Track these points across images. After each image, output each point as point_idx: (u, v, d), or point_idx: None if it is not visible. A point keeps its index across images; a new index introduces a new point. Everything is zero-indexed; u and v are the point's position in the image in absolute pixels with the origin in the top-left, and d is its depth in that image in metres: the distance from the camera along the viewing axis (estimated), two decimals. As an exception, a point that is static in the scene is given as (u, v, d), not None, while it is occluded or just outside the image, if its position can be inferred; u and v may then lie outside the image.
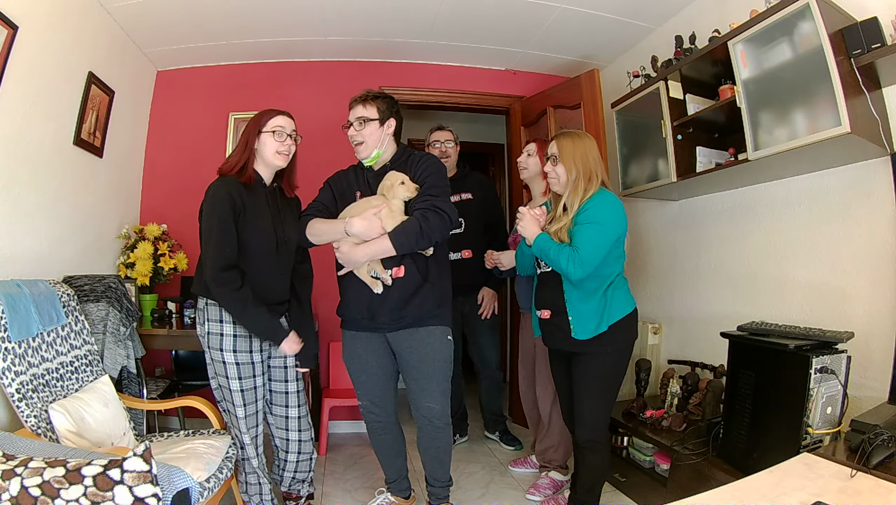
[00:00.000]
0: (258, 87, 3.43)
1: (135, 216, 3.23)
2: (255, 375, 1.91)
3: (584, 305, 1.85)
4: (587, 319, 1.84)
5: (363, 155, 1.96)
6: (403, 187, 1.85)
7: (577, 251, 1.77)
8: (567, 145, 1.90)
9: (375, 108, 1.93)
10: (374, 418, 2.07)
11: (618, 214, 1.84)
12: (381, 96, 1.97)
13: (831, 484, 1.22)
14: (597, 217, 1.80)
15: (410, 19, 2.96)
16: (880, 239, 1.88)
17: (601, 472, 1.96)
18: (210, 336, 1.87)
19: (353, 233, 1.84)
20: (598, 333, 1.83)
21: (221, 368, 1.87)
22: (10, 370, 1.62)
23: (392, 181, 1.86)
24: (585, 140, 1.92)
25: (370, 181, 1.96)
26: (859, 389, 1.84)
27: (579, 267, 1.76)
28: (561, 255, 1.79)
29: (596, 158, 1.89)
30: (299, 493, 2.16)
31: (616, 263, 1.89)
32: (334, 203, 2.00)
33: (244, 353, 1.88)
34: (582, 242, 1.78)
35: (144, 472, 1.21)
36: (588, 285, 1.84)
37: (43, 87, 2.21)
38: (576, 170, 1.86)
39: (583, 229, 1.80)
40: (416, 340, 1.93)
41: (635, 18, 2.88)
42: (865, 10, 1.78)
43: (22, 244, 2.13)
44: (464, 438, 3.13)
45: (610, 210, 1.82)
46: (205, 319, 1.88)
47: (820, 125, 1.75)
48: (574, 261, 1.76)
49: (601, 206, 1.82)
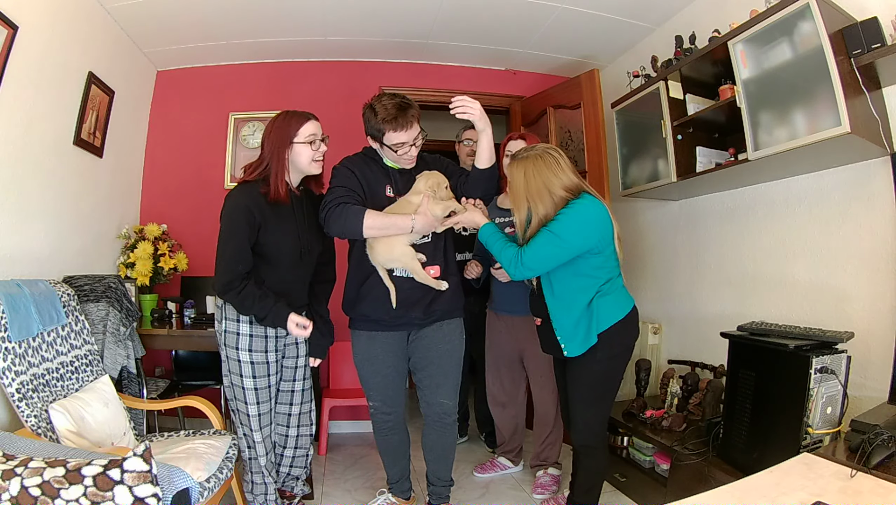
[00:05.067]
0: (258, 87, 3.43)
1: (135, 216, 3.23)
2: (269, 375, 1.91)
3: (567, 317, 1.80)
4: (573, 334, 1.79)
5: (412, 164, 1.93)
6: (447, 191, 1.89)
7: (523, 253, 1.72)
8: (517, 180, 1.78)
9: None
10: (384, 419, 2.06)
11: (582, 228, 1.71)
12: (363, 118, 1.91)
13: (831, 484, 1.22)
14: (557, 228, 1.70)
15: (410, 19, 2.96)
16: (880, 239, 1.88)
17: (598, 475, 1.96)
18: (227, 334, 1.87)
19: (418, 230, 1.83)
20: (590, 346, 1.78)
21: (236, 367, 1.87)
22: (10, 370, 1.62)
23: (438, 180, 1.87)
24: (542, 170, 1.76)
25: (397, 178, 1.93)
26: (859, 389, 1.83)
27: (519, 269, 1.73)
28: (504, 253, 1.76)
29: (554, 184, 1.75)
30: (293, 490, 2.15)
31: (598, 274, 1.79)
32: (362, 190, 1.88)
33: (259, 352, 1.87)
34: (532, 246, 1.72)
35: (144, 472, 1.21)
36: (568, 298, 1.79)
37: (43, 87, 2.22)
38: (527, 207, 1.78)
39: (542, 235, 1.72)
40: (441, 334, 1.96)
41: (635, 18, 2.88)
42: (865, 10, 1.78)
43: (22, 244, 2.13)
44: (463, 438, 3.13)
45: (574, 223, 1.71)
46: (222, 317, 1.88)
47: (820, 125, 1.75)
48: (515, 263, 1.73)
49: (568, 217, 1.71)
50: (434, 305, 1.92)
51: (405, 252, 1.85)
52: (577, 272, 1.78)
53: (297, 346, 2.03)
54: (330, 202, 1.82)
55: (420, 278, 1.87)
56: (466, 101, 1.79)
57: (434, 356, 1.98)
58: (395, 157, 1.87)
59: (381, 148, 1.87)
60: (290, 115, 1.84)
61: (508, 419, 2.58)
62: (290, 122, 1.82)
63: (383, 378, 1.99)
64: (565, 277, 1.79)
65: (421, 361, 2.00)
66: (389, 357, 1.97)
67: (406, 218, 1.80)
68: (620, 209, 3.26)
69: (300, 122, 1.82)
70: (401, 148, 1.83)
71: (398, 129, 1.79)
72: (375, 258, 1.87)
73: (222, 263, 1.76)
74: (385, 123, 1.79)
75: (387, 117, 1.78)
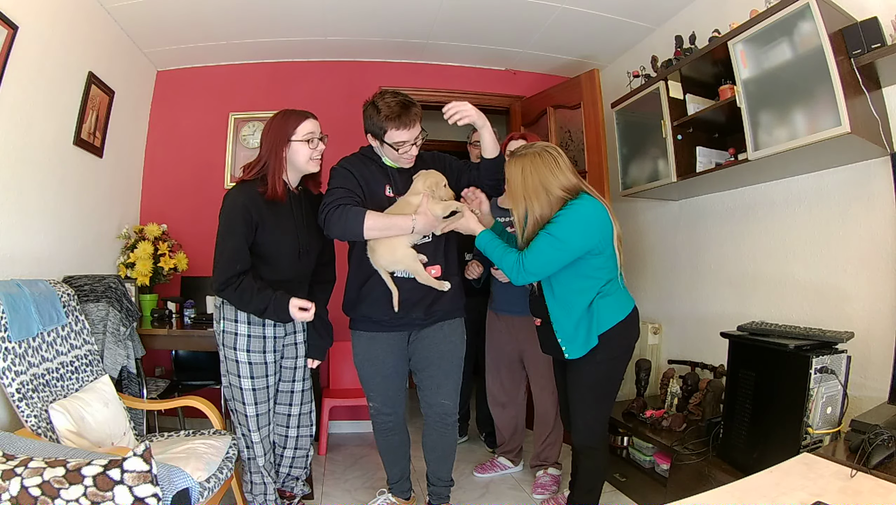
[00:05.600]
0: (258, 87, 3.43)
1: (135, 216, 3.23)
2: (268, 375, 1.90)
3: (568, 319, 1.79)
4: (574, 336, 1.78)
5: (411, 164, 1.93)
6: (446, 190, 1.88)
7: (524, 258, 1.71)
8: (515, 177, 1.77)
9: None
10: (385, 420, 2.05)
11: (583, 229, 1.70)
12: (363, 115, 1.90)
13: (831, 484, 1.22)
14: (556, 231, 1.69)
15: (410, 19, 2.96)
16: (880, 239, 1.88)
17: (598, 475, 1.95)
18: (225, 334, 1.87)
19: (419, 230, 1.82)
20: (590, 347, 1.77)
21: (234, 367, 1.86)
22: (10, 370, 1.62)
23: (437, 179, 1.86)
24: (539, 167, 1.74)
25: (396, 178, 1.92)
26: (859, 389, 1.83)
27: (521, 275, 1.72)
28: (505, 260, 1.75)
29: (551, 183, 1.73)
30: (293, 490, 2.15)
31: (599, 275, 1.78)
32: (361, 190, 1.87)
33: (258, 353, 1.87)
34: (532, 251, 1.71)
35: (144, 472, 1.21)
36: (569, 299, 1.78)
37: (43, 87, 2.22)
38: (524, 205, 1.76)
39: (541, 238, 1.71)
40: (442, 335, 1.96)
41: (635, 18, 2.88)
42: (865, 10, 1.78)
43: (22, 244, 2.13)
44: (463, 438, 3.13)
45: (575, 225, 1.69)
46: (220, 318, 1.88)
47: (820, 125, 1.75)
48: (517, 269, 1.72)
49: (567, 218, 1.70)
50: (435, 306, 1.92)
51: (407, 254, 1.84)
52: (578, 273, 1.77)
53: (296, 346, 2.03)
54: (329, 204, 1.80)
55: (422, 279, 1.86)
56: (457, 106, 1.79)
57: (435, 357, 1.97)
58: (395, 155, 1.86)
59: (381, 146, 1.86)
60: (288, 113, 1.84)
61: (508, 419, 2.58)
62: (288, 121, 1.81)
63: (384, 379, 1.99)
64: (566, 279, 1.79)
65: (422, 362, 1.99)
66: (390, 358, 1.97)
67: (407, 218, 1.79)
68: (620, 209, 3.26)
69: (298, 121, 1.81)
70: (402, 147, 1.82)
71: (401, 128, 1.78)
72: (378, 261, 1.86)
73: (220, 262, 1.75)
74: (388, 121, 1.78)
75: (390, 115, 1.77)
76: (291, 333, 2.01)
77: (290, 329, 2.00)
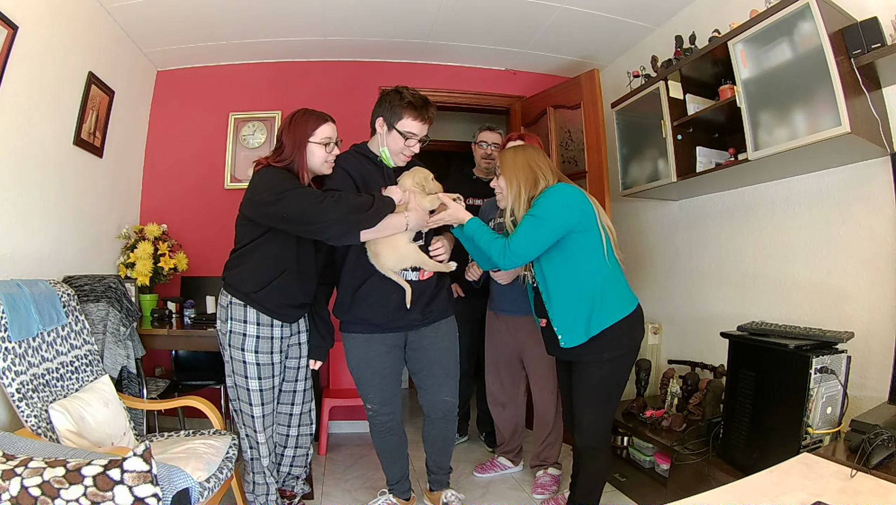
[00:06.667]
0: (258, 87, 3.43)
1: (135, 216, 3.23)
2: (274, 376, 1.91)
3: (566, 310, 1.80)
4: (571, 325, 1.78)
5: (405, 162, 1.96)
6: (434, 183, 1.92)
7: (510, 242, 1.75)
8: (508, 158, 1.90)
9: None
10: (383, 421, 2.06)
11: (562, 207, 1.77)
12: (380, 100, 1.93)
13: (831, 484, 1.22)
14: (537, 210, 1.77)
15: (410, 19, 2.96)
16: (880, 239, 1.88)
17: (601, 476, 1.95)
18: (232, 335, 1.85)
19: (412, 226, 1.86)
20: (591, 338, 1.76)
21: (241, 368, 1.86)
22: (10, 370, 1.62)
23: (425, 174, 1.92)
24: (528, 150, 1.91)
25: (391, 176, 1.94)
26: (859, 389, 1.84)
27: (509, 257, 1.75)
28: (493, 245, 1.78)
29: (540, 164, 1.86)
30: (293, 490, 2.15)
31: (589, 258, 1.79)
32: (358, 191, 1.88)
33: (265, 354, 1.87)
34: (517, 234, 1.76)
35: (144, 472, 1.21)
36: (562, 284, 1.80)
37: (43, 87, 2.22)
38: (516, 182, 1.84)
39: (524, 221, 1.77)
40: (440, 334, 2.00)
41: (635, 18, 2.88)
42: (865, 10, 1.78)
43: (22, 244, 2.13)
44: (463, 438, 3.13)
45: (553, 203, 1.77)
46: (228, 318, 1.86)
47: (820, 125, 1.75)
48: (504, 252, 1.75)
49: (546, 199, 1.78)
50: (431, 306, 1.95)
51: (410, 248, 1.88)
52: (568, 256, 1.79)
53: (299, 346, 2.03)
54: None
55: (431, 267, 1.92)
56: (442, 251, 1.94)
57: (435, 356, 2.00)
58: (398, 147, 1.88)
59: (387, 133, 1.88)
60: (309, 113, 1.87)
61: (508, 419, 2.58)
62: (308, 121, 1.85)
63: (381, 379, 1.99)
64: (556, 263, 1.81)
65: (422, 362, 2.00)
66: (387, 358, 1.98)
67: (399, 216, 1.82)
68: (620, 209, 3.27)
69: (318, 123, 1.85)
70: (411, 139, 1.86)
71: (417, 119, 1.85)
72: (384, 263, 1.86)
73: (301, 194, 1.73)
74: (409, 108, 1.83)
75: (414, 102, 1.84)
76: (296, 333, 2.01)
77: (295, 329, 2.00)
